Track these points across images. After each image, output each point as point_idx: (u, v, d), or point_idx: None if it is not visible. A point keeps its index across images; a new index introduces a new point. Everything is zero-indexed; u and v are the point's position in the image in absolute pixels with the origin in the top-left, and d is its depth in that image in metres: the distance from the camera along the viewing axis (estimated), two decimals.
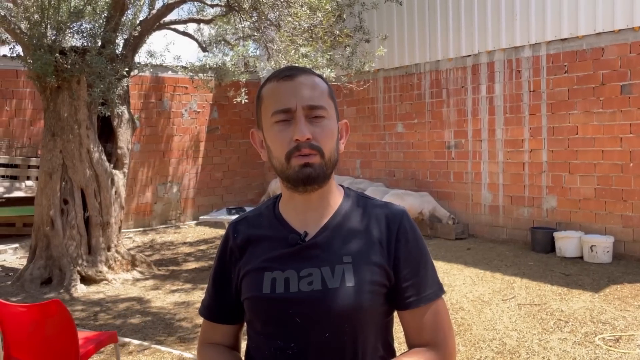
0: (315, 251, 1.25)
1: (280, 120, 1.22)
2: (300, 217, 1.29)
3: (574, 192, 7.48)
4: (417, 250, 1.28)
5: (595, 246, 6.79)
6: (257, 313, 1.27)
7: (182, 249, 8.61)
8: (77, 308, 5.57)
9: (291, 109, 1.21)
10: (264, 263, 1.26)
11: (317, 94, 1.24)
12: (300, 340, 1.21)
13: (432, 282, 1.28)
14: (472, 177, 8.66)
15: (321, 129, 1.23)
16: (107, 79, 6.08)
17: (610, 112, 7.06)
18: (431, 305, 1.26)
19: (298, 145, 1.20)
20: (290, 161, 1.22)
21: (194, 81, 9.03)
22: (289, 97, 1.22)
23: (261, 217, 1.36)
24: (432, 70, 9.10)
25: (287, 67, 1.29)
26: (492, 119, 8.32)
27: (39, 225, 6.53)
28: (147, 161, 10.53)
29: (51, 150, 6.46)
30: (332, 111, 1.26)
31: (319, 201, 1.29)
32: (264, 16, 6.18)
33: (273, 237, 1.29)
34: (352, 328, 1.21)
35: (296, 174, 1.22)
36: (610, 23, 6.95)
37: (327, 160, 1.24)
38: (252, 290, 1.25)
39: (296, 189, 1.25)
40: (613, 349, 4.18)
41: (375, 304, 1.23)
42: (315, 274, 1.22)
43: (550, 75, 7.62)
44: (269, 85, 1.27)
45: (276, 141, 1.23)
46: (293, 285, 1.22)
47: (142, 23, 6.84)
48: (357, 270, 1.22)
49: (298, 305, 1.21)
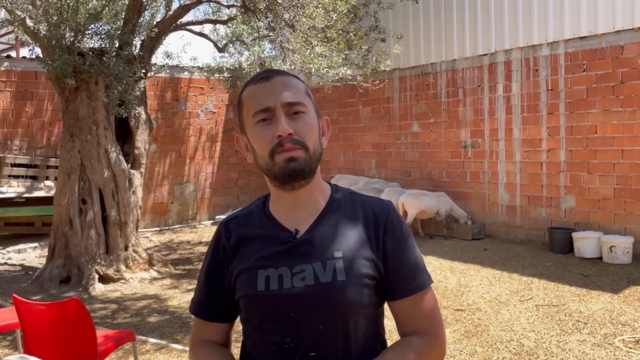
0: (307, 248, 1.28)
1: (261, 119, 1.26)
2: (290, 215, 1.32)
3: (592, 192, 7.39)
4: (404, 241, 1.32)
5: (615, 247, 6.70)
6: (252, 310, 1.29)
7: (198, 249, 8.66)
8: (96, 307, 5.63)
9: (270, 107, 1.25)
10: (258, 261, 1.28)
11: (294, 91, 1.28)
12: (295, 334, 1.24)
13: (421, 272, 1.32)
14: (489, 177, 8.59)
15: (302, 124, 1.26)
16: (125, 81, 6.14)
17: (630, 111, 6.96)
18: (420, 293, 1.30)
19: (280, 141, 1.23)
20: (274, 158, 1.24)
21: (210, 81, 9.08)
22: (267, 96, 1.26)
23: (251, 216, 1.38)
24: (448, 69, 9.05)
25: (263, 70, 1.33)
26: (509, 118, 8.25)
27: (57, 224, 6.61)
28: (163, 161, 10.61)
29: (70, 151, 6.54)
30: (310, 107, 1.30)
31: (307, 198, 1.32)
32: (279, 17, 6.19)
33: (265, 235, 1.32)
34: (345, 321, 1.25)
35: (282, 169, 1.24)
36: (629, 21, 6.86)
37: (311, 154, 1.27)
38: (247, 289, 1.28)
39: (284, 186, 1.28)
40: (633, 351, 4.12)
41: (366, 297, 1.27)
42: (308, 269, 1.25)
43: (569, 74, 7.54)
44: (247, 89, 1.32)
45: (259, 140, 1.26)
46: (287, 282, 1.25)
47: (159, 24, 6.89)
48: (347, 265, 1.25)
49: (292, 300, 1.24)
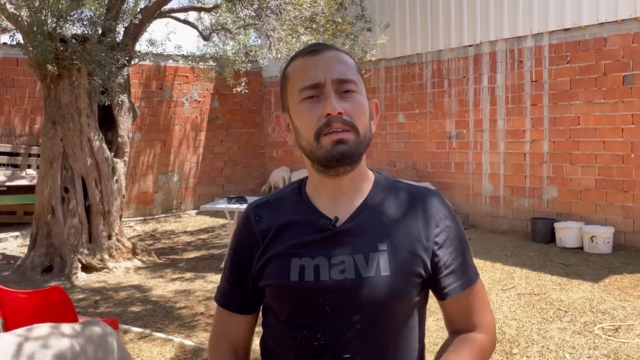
0: (348, 237, 1.17)
1: (308, 96, 1.15)
2: (330, 202, 1.21)
3: (574, 183, 7.48)
4: (456, 237, 1.23)
5: (596, 237, 6.80)
6: (282, 301, 1.19)
7: (183, 238, 8.63)
8: (78, 296, 5.59)
9: (320, 83, 1.14)
10: (291, 249, 1.18)
11: (346, 67, 1.17)
12: (328, 331, 1.14)
13: (469, 266, 1.25)
14: (473, 168, 8.65)
15: (353, 104, 1.15)
16: (108, 68, 6.06)
17: (612, 103, 7.04)
18: (470, 288, 1.23)
19: (329, 121, 1.12)
20: (320, 140, 1.14)
21: (195, 70, 9.01)
22: (316, 71, 1.15)
23: (285, 200, 1.27)
24: (433, 60, 9.06)
25: (312, 44, 1.22)
26: (494, 109, 8.30)
27: (39, 213, 6.54)
28: (148, 150, 10.53)
29: (52, 139, 6.46)
30: (362, 87, 1.19)
31: (350, 185, 1.21)
32: (265, 4, 6.15)
33: (301, 221, 1.21)
34: (386, 320, 1.15)
35: (328, 152, 1.13)
36: (613, 13, 6.91)
37: (361, 138, 1.16)
38: (277, 277, 1.18)
39: (327, 171, 1.17)
40: (612, 338, 4.19)
41: (411, 295, 1.17)
42: (348, 261, 1.15)
43: (553, 66, 7.59)
44: (294, 63, 1.21)
45: (304, 119, 1.15)
46: (324, 273, 1.15)
47: (143, 11, 6.81)
48: (393, 259, 1.15)
49: (329, 294, 1.14)
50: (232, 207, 6.61)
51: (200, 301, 5.39)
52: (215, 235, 8.75)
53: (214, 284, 5.93)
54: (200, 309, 5.17)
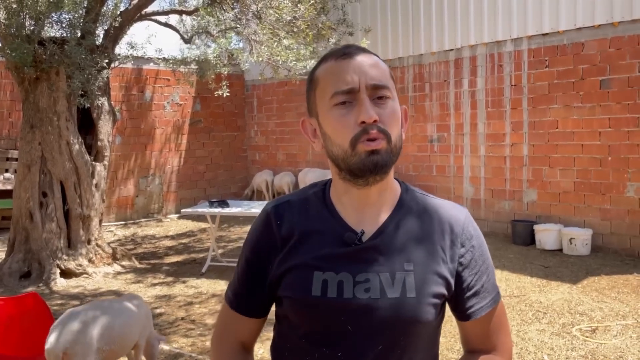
0: (374, 254, 1.13)
1: (341, 102, 1.10)
2: (355, 213, 1.16)
3: (553, 186, 7.57)
4: (481, 257, 1.20)
5: (574, 239, 6.89)
6: (302, 315, 1.15)
7: (164, 243, 8.56)
8: (57, 302, 5.51)
9: (354, 88, 1.09)
10: (314, 261, 1.13)
11: (380, 73, 1.13)
12: (349, 351, 1.11)
13: (493, 287, 1.22)
14: (455, 171, 8.72)
15: (387, 110, 1.11)
16: (87, 70, 6.01)
17: (589, 107, 7.14)
18: (492, 310, 1.21)
19: (366, 129, 1.08)
20: (357, 147, 1.09)
21: (176, 73, 8.96)
22: (351, 75, 1.10)
23: (308, 203, 1.21)
24: (415, 64, 9.13)
25: (345, 46, 1.17)
26: (474, 113, 8.38)
27: (17, 218, 6.44)
28: (128, 154, 10.44)
29: (30, 142, 6.37)
30: (395, 93, 1.15)
31: (377, 196, 1.17)
32: (246, 8, 6.14)
33: (325, 232, 1.16)
34: (408, 342, 1.12)
35: (362, 161, 1.09)
36: (590, 18, 7.02)
37: (393, 146, 1.12)
38: (298, 290, 1.13)
39: (356, 181, 1.13)
40: (590, 339, 4.24)
41: (433, 317, 1.14)
42: (374, 279, 1.11)
43: (532, 70, 7.69)
44: (324, 65, 1.15)
45: (338, 126, 1.10)
46: (347, 291, 1.10)
47: (123, 14, 6.76)
48: (419, 280, 1.12)
49: (352, 313, 1.10)
50: (214, 211, 6.58)
51: (181, 306, 5.35)
52: (197, 240, 8.70)
53: (194, 289, 5.89)
54: (180, 314, 5.13)
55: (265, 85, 11.57)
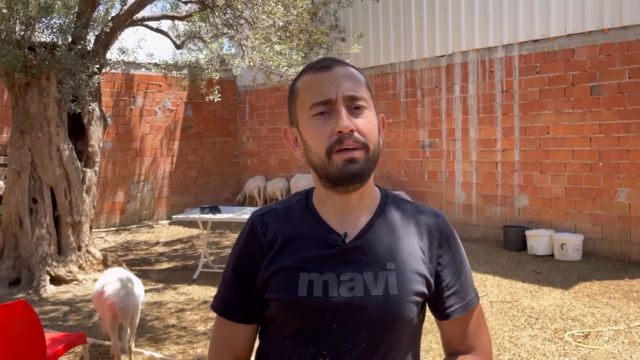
0: (357, 255, 1.18)
1: (319, 112, 1.15)
2: (337, 217, 1.21)
3: (545, 191, 7.60)
4: (458, 257, 1.26)
5: (566, 244, 6.91)
6: (288, 316, 1.18)
7: (155, 249, 8.51)
8: (47, 309, 5.46)
9: (331, 99, 1.14)
10: (300, 263, 1.17)
11: (357, 84, 1.18)
12: (334, 348, 1.14)
13: (471, 289, 1.27)
14: (446, 176, 8.73)
15: (364, 120, 1.16)
16: (78, 76, 5.97)
17: (580, 113, 7.19)
18: (471, 311, 1.26)
19: (340, 138, 1.13)
20: (332, 157, 1.14)
21: (168, 79, 8.93)
22: (328, 87, 1.15)
23: (291, 211, 1.26)
24: (407, 69, 9.15)
25: (322, 59, 1.23)
26: (466, 119, 8.40)
27: (7, 224, 6.38)
28: (119, 159, 10.38)
29: (20, 148, 6.32)
30: (371, 103, 1.20)
31: (358, 201, 1.22)
32: (239, 13, 6.14)
33: (309, 235, 1.20)
34: (391, 339, 1.16)
35: (339, 171, 1.14)
36: (580, 25, 7.08)
37: (371, 154, 1.16)
38: (285, 292, 1.16)
39: (336, 188, 1.18)
40: (582, 344, 4.25)
41: (414, 315, 1.19)
42: (357, 279, 1.15)
43: (523, 76, 7.73)
44: (304, 77, 1.21)
45: (315, 136, 1.16)
46: (332, 290, 1.14)
47: (114, 19, 6.73)
48: (400, 279, 1.17)
49: (337, 311, 1.14)
50: (205, 217, 6.54)
51: (172, 313, 5.31)
52: (189, 246, 8.66)
53: (185, 296, 5.85)
54: (171, 321, 5.09)
55: (257, 91, 11.56)
